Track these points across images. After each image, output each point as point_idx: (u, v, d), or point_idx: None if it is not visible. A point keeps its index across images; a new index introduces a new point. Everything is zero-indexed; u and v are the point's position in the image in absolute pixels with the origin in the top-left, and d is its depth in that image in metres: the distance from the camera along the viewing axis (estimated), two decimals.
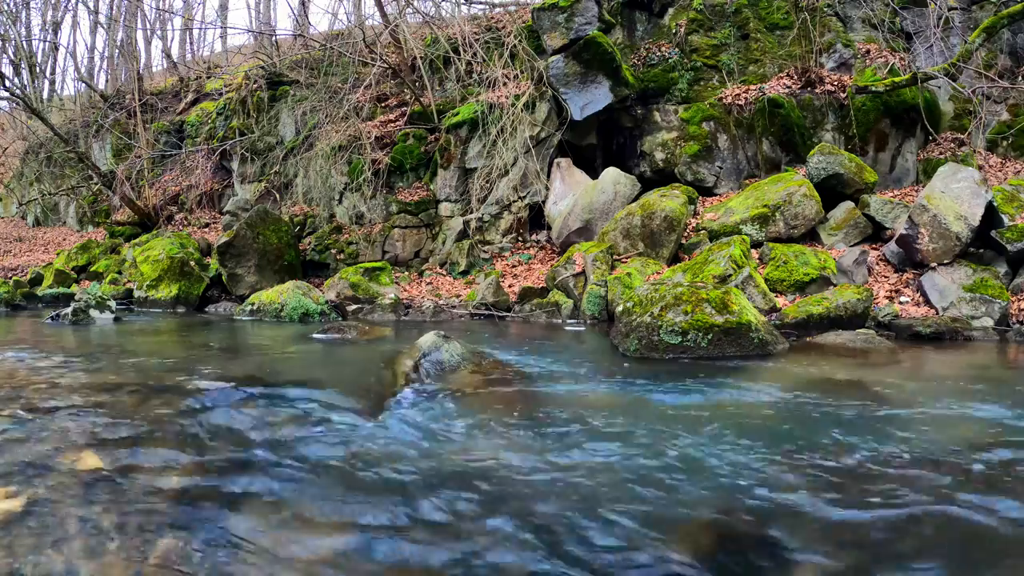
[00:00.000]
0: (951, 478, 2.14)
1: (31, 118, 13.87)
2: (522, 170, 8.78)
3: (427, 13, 11.38)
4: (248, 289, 8.42)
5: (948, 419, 2.88)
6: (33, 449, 2.18)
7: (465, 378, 3.51)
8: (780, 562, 1.63)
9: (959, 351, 4.82)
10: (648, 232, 7.33)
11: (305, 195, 10.71)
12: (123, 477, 2.00)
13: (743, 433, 2.61)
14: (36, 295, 9.24)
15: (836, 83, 8.57)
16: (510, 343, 5.28)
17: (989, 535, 1.75)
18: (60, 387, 3.13)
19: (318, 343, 5.16)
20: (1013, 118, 8.45)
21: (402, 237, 9.41)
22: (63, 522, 1.68)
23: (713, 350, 4.28)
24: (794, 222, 7.15)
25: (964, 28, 8.78)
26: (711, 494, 2.02)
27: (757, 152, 8.59)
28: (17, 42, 14.90)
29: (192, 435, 2.45)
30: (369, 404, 3.00)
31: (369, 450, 2.38)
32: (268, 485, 2.02)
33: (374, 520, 1.80)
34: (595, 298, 6.59)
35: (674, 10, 9.66)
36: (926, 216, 6.23)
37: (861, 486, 2.09)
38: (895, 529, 1.78)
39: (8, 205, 16.92)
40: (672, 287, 4.70)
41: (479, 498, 1.96)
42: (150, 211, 12.24)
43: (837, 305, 5.50)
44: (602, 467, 2.24)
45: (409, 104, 10.48)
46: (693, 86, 9.21)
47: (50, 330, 5.89)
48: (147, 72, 17.82)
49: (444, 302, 7.68)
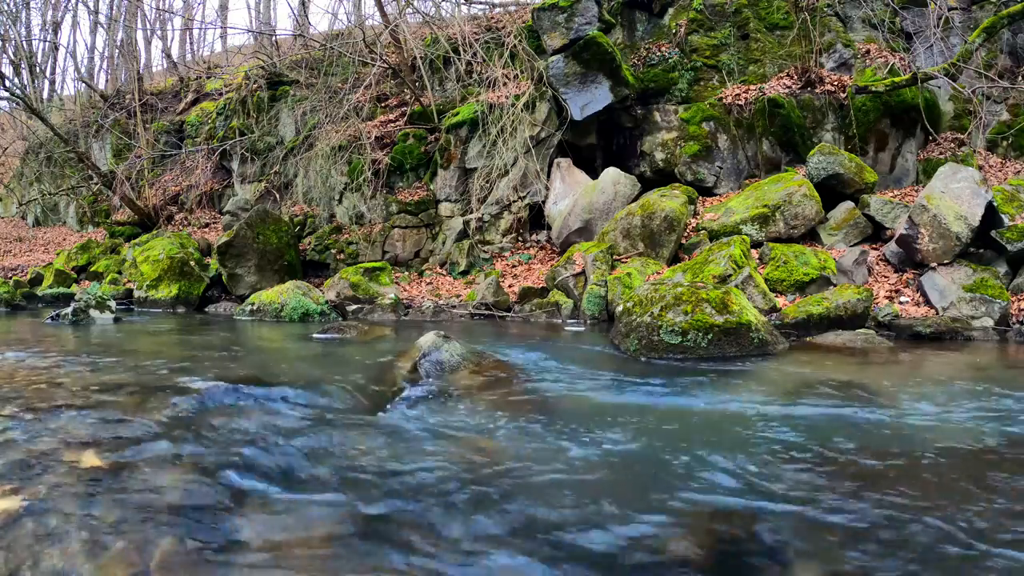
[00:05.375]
0: (951, 478, 2.14)
1: (31, 118, 13.87)
2: (522, 170, 8.78)
3: (427, 13, 11.39)
4: (248, 289, 8.43)
5: (948, 419, 2.88)
6: (33, 449, 2.18)
7: (465, 378, 3.51)
8: (780, 562, 1.63)
9: (959, 351, 4.82)
10: (648, 232, 7.33)
11: (305, 195, 10.71)
12: (123, 477, 2.00)
13: (743, 433, 2.61)
14: (36, 295, 9.24)
15: (836, 83, 8.57)
16: (510, 343, 5.27)
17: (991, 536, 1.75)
18: (60, 387, 3.13)
19: (318, 343, 5.16)
20: (1013, 118, 8.45)
21: (402, 237, 9.41)
22: (63, 522, 1.68)
23: (713, 350, 4.28)
24: (794, 222, 7.15)
25: (964, 28, 8.78)
26: (711, 494, 2.02)
27: (757, 152, 8.59)
28: (17, 42, 14.90)
29: (192, 435, 2.45)
30: (369, 404, 3.00)
31: (369, 450, 2.38)
32: (268, 484, 2.02)
33: (374, 519, 1.80)
34: (595, 298, 6.59)
35: (674, 10, 9.66)
36: (926, 216, 6.23)
37: (861, 486, 2.09)
38: (895, 529, 1.78)
39: (8, 205, 16.92)
40: (672, 287, 4.70)
41: (479, 497, 1.96)
42: (150, 211, 12.24)
43: (837, 305, 5.50)
44: (602, 466, 2.24)
45: (409, 104, 10.48)
46: (693, 86, 9.21)
47: (50, 330, 5.89)
48: (147, 72, 17.83)
49: (444, 302, 7.68)
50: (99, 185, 13.53)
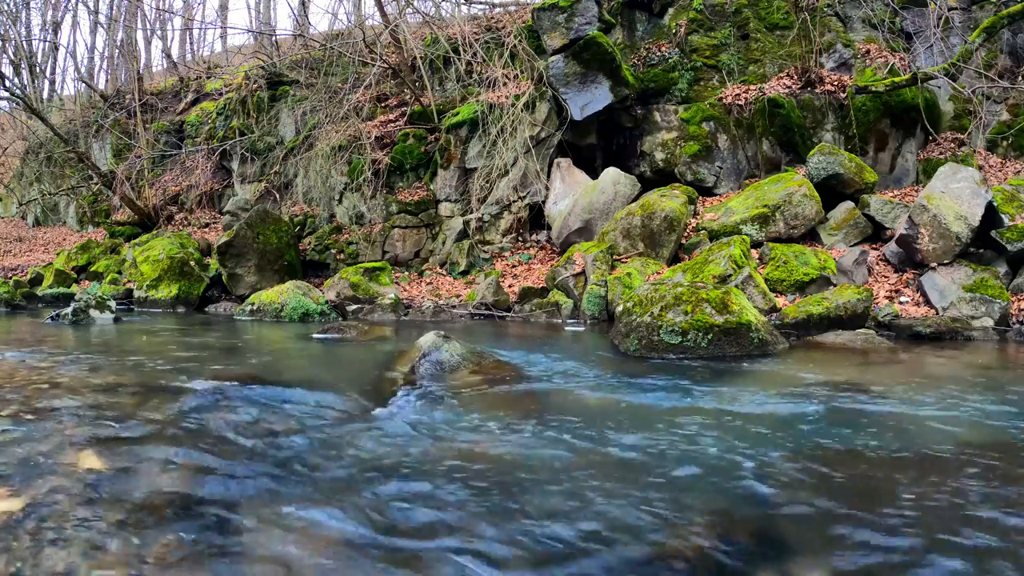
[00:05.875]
0: (951, 478, 2.14)
1: (31, 118, 13.87)
2: (522, 170, 8.78)
3: (427, 13, 11.39)
4: (248, 289, 8.43)
5: (948, 419, 2.88)
6: (33, 449, 2.18)
7: (465, 378, 3.51)
8: (780, 561, 1.63)
9: (959, 351, 4.82)
10: (648, 232, 7.33)
11: (305, 195, 10.71)
12: (123, 477, 2.00)
13: (742, 433, 2.61)
14: (36, 295, 9.24)
15: (836, 83, 8.57)
16: (510, 343, 5.28)
17: (994, 537, 1.75)
18: (60, 387, 3.13)
19: (318, 343, 5.16)
20: (1013, 118, 8.45)
21: (402, 237, 9.41)
22: (63, 522, 1.68)
23: (713, 350, 4.28)
24: (794, 222, 7.15)
25: (964, 28, 8.78)
26: (710, 493, 2.02)
27: (757, 152, 8.59)
28: (17, 42, 14.91)
29: (192, 435, 2.45)
30: (369, 404, 3.00)
31: (369, 449, 2.38)
32: (267, 484, 2.02)
33: (373, 519, 1.80)
34: (595, 298, 6.59)
35: (674, 10, 9.66)
36: (926, 216, 6.23)
37: (861, 486, 2.09)
38: (895, 529, 1.78)
39: (8, 205, 16.92)
40: (672, 287, 4.70)
41: (478, 497, 1.96)
42: (150, 211, 12.24)
43: (837, 305, 5.50)
44: (601, 465, 2.23)
45: (409, 104, 10.48)
46: (693, 86, 9.21)
47: (50, 330, 5.89)
48: (147, 72, 17.82)
49: (444, 302, 7.68)
50: (99, 185, 13.53)
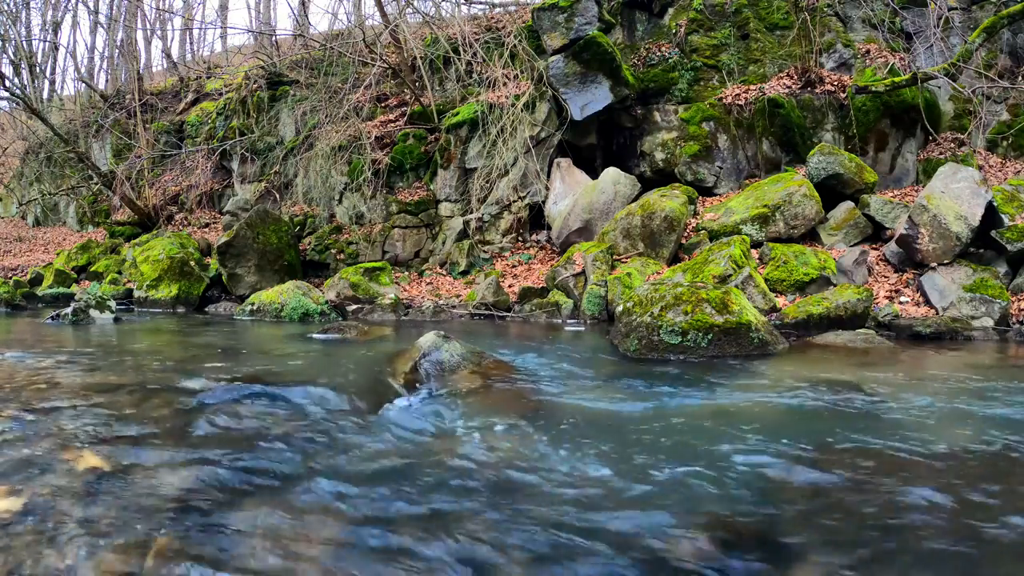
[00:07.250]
0: (951, 478, 2.14)
1: (31, 118, 13.86)
2: (522, 170, 8.78)
3: (427, 13, 11.38)
4: (248, 289, 8.43)
5: (949, 419, 2.88)
6: (33, 449, 2.18)
7: (465, 378, 3.51)
8: (780, 561, 1.63)
9: (959, 351, 4.82)
10: (648, 232, 7.33)
11: (305, 195, 10.71)
12: (123, 477, 2.00)
13: (742, 433, 2.61)
14: (36, 295, 9.24)
15: (836, 83, 8.57)
16: (510, 343, 5.28)
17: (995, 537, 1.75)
18: (60, 387, 3.13)
19: (318, 343, 5.16)
20: (1013, 118, 8.45)
21: (402, 237, 9.41)
22: (63, 522, 1.68)
23: (713, 350, 4.28)
24: (794, 222, 7.15)
25: (964, 28, 8.78)
26: (709, 493, 2.02)
27: (757, 152, 8.59)
28: (17, 42, 14.90)
29: (192, 434, 2.45)
30: (369, 404, 3.00)
31: (368, 449, 2.38)
32: (267, 483, 2.02)
33: (373, 519, 1.80)
34: (595, 298, 6.59)
35: (674, 10, 9.66)
36: (926, 216, 6.23)
37: (860, 485, 2.09)
38: (895, 529, 1.78)
39: (8, 205, 16.92)
40: (672, 287, 4.70)
41: (478, 497, 1.96)
42: (150, 211, 12.24)
43: (837, 305, 5.50)
44: (600, 465, 2.23)
45: (409, 104, 10.48)
46: (693, 86, 9.21)
47: (50, 330, 5.89)
48: (147, 72, 17.82)
49: (444, 302, 7.68)
50: (99, 185, 13.53)
